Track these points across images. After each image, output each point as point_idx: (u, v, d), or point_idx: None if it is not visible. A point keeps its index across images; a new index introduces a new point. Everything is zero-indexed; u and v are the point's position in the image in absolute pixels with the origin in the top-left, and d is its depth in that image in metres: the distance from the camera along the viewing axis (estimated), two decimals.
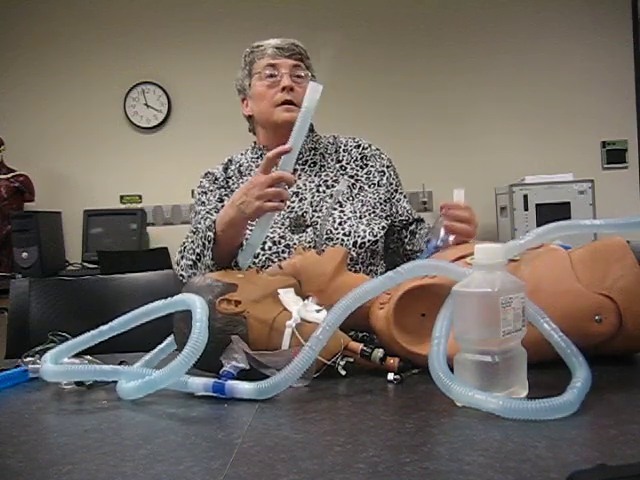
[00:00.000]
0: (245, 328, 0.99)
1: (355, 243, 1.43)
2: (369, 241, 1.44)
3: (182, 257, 1.40)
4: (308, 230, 1.44)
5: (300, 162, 1.54)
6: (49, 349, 1.03)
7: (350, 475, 0.61)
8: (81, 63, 4.34)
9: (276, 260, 1.41)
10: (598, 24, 4.32)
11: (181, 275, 1.40)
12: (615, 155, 4.34)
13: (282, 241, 1.43)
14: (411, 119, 4.26)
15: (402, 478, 0.60)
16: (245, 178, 1.56)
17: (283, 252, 1.41)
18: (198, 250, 1.32)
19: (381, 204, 1.53)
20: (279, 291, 1.04)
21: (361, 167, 1.56)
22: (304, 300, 1.05)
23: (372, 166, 1.57)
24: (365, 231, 1.44)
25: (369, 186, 1.54)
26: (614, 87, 4.31)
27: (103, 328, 1.02)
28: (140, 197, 4.39)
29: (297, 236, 1.43)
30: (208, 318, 0.93)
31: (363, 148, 1.59)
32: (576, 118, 4.30)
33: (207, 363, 0.94)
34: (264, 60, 1.52)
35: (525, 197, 3.77)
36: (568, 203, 3.73)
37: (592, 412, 0.75)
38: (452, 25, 4.34)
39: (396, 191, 1.58)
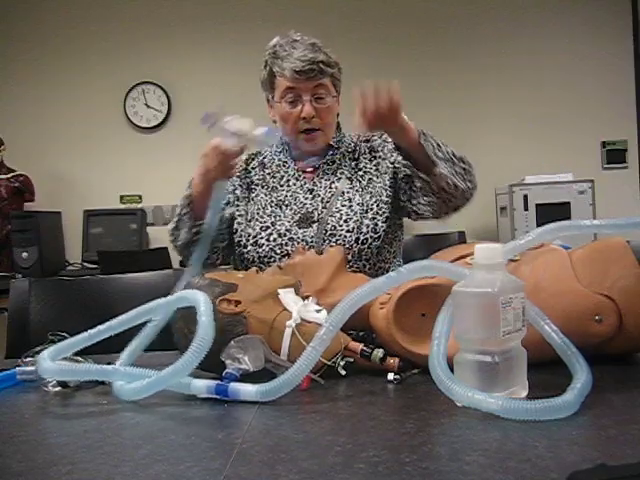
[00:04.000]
0: (245, 328, 0.99)
1: (357, 239, 1.44)
2: (371, 237, 1.45)
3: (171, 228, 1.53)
4: (314, 226, 1.46)
5: (322, 161, 1.56)
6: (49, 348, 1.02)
7: (350, 475, 0.61)
8: (81, 63, 4.34)
9: (279, 252, 1.44)
10: (598, 24, 4.32)
11: (172, 242, 1.54)
12: (615, 155, 4.34)
13: (287, 234, 1.45)
14: (411, 119, 4.25)
15: (402, 478, 0.60)
16: (267, 171, 1.59)
17: (286, 245, 1.44)
18: (180, 211, 1.47)
19: (386, 190, 1.51)
20: (279, 291, 1.04)
21: (370, 160, 1.57)
22: (304, 300, 1.05)
23: (380, 156, 1.56)
24: (369, 226, 1.46)
25: (377, 177, 1.54)
26: (614, 87, 4.31)
27: (101, 327, 1.02)
28: (140, 197, 4.39)
29: (302, 231, 1.45)
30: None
31: (371, 141, 1.59)
32: (576, 118, 4.30)
33: (207, 363, 0.94)
34: (284, 81, 1.48)
35: (525, 197, 3.78)
36: (568, 203, 3.73)
37: (592, 412, 0.75)
38: (452, 26, 4.34)
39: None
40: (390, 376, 0.96)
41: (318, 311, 1.03)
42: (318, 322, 0.99)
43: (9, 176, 4.05)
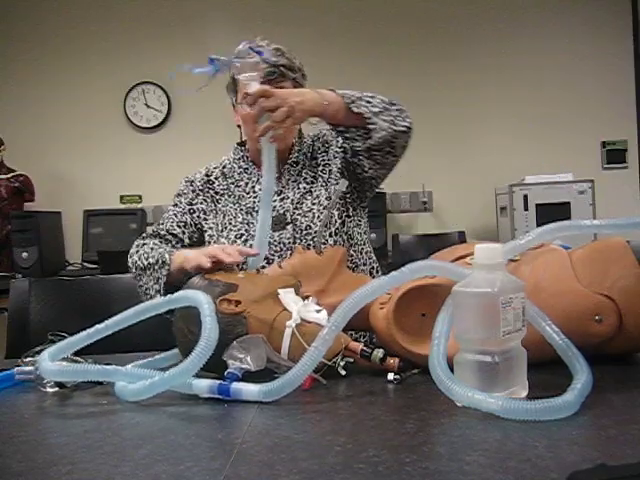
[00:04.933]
0: (245, 328, 0.99)
1: (331, 233, 1.48)
2: (340, 224, 1.49)
3: (137, 253, 1.51)
4: (288, 227, 1.48)
5: (287, 164, 1.57)
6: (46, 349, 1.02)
7: (350, 475, 0.61)
8: (81, 63, 4.34)
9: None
10: (598, 24, 4.32)
11: (132, 271, 1.51)
12: (615, 155, 4.34)
13: None
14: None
15: (402, 478, 0.60)
16: (229, 180, 1.59)
17: None
18: (152, 260, 1.40)
19: (341, 173, 1.54)
20: (279, 291, 1.04)
21: (325, 152, 1.58)
22: (304, 300, 1.05)
23: (331, 145, 1.58)
24: (333, 216, 1.50)
25: (333, 165, 1.56)
26: (614, 87, 4.31)
27: (99, 326, 1.02)
28: (140, 197, 4.39)
29: (277, 233, 1.46)
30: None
31: (322, 135, 1.61)
32: (576, 118, 4.30)
33: (206, 363, 0.94)
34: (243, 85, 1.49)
35: (525, 197, 3.77)
36: (568, 203, 3.73)
37: (592, 412, 0.75)
38: (452, 26, 4.34)
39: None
40: (390, 376, 0.96)
41: (318, 311, 1.03)
42: (318, 322, 0.99)
43: (9, 176, 4.05)
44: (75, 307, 1.69)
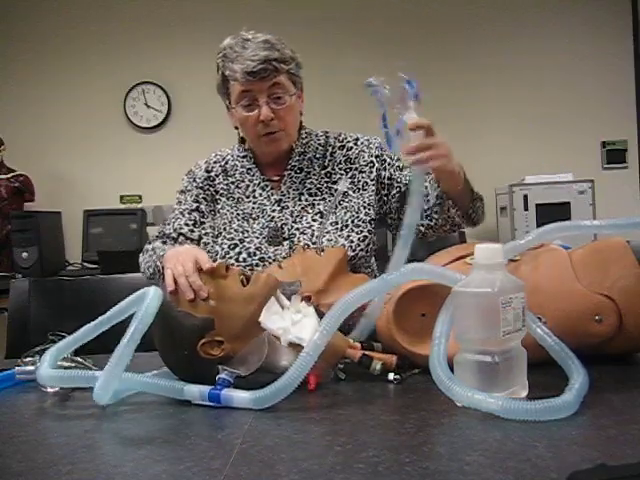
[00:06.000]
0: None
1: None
2: (348, 256, 1.35)
3: (142, 261, 1.44)
4: (284, 243, 1.38)
5: (288, 167, 1.46)
6: (49, 349, 1.02)
7: (350, 475, 0.61)
8: (81, 63, 4.34)
9: (249, 273, 1.33)
10: (598, 24, 4.32)
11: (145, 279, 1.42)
12: (615, 155, 4.34)
13: (257, 253, 1.37)
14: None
15: (402, 478, 0.60)
16: (230, 179, 1.50)
17: (257, 265, 1.36)
18: (152, 270, 1.37)
19: (365, 207, 1.42)
20: (261, 321, 0.96)
21: (345, 171, 1.45)
22: (288, 301, 1.01)
23: (357, 168, 1.45)
24: (344, 246, 1.36)
25: (354, 191, 1.44)
26: (614, 87, 4.31)
27: (99, 320, 1.01)
28: (140, 197, 4.39)
29: (273, 249, 1.37)
30: (195, 356, 0.93)
31: (347, 149, 1.48)
32: (576, 118, 4.30)
33: (203, 381, 0.92)
34: (237, 85, 1.37)
35: (525, 197, 3.77)
36: (568, 203, 3.73)
37: (592, 412, 0.76)
38: (452, 26, 4.34)
39: (386, 168, 1.47)
40: (390, 376, 0.96)
41: (303, 310, 1.00)
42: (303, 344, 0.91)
43: (9, 176, 4.05)
44: (75, 307, 1.69)
